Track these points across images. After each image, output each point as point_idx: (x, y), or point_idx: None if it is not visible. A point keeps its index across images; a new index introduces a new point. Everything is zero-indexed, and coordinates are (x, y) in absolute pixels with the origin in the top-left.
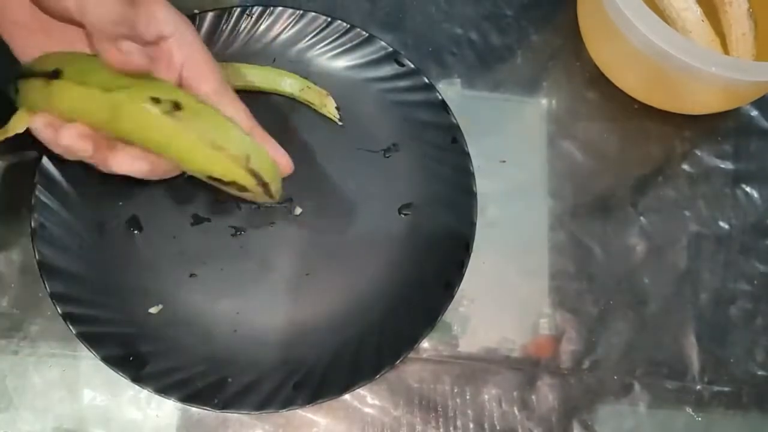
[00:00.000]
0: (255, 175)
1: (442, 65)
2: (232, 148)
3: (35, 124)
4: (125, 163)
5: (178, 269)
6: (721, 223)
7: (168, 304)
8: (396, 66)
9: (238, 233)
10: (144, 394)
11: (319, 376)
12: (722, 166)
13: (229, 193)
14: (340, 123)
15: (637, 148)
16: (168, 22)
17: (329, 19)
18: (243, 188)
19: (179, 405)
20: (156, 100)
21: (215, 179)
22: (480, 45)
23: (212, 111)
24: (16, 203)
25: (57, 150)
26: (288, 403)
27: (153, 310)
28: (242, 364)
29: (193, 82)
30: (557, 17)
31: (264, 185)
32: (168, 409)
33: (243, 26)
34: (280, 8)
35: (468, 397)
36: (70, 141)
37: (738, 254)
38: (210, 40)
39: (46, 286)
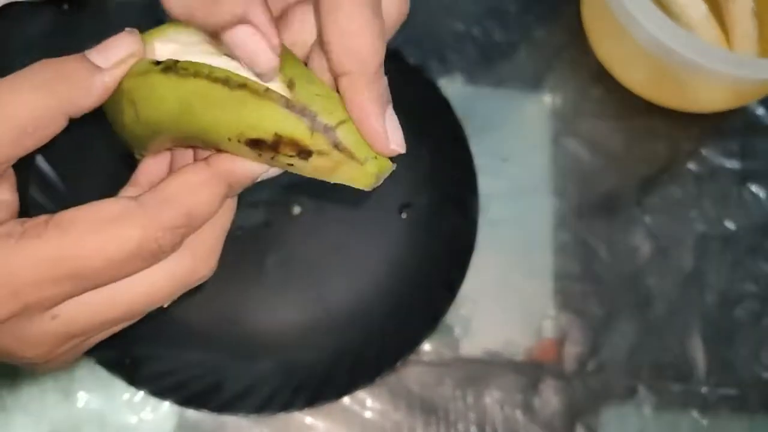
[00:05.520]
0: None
1: (443, 62)
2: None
3: None
4: None
5: None
6: (728, 223)
7: (165, 305)
8: (397, 63)
9: (237, 233)
10: (140, 396)
11: (319, 379)
12: (728, 165)
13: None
14: None
15: (643, 146)
16: None
17: None
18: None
19: (176, 408)
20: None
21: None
22: (482, 41)
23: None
24: None
25: None
26: (287, 406)
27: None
28: (240, 366)
29: None
30: (561, 13)
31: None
32: (164, 412)
33: None
34: None
35: (470, 401)
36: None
37: (744, 254)
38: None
39: None
